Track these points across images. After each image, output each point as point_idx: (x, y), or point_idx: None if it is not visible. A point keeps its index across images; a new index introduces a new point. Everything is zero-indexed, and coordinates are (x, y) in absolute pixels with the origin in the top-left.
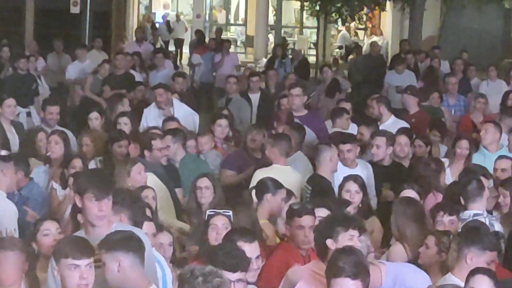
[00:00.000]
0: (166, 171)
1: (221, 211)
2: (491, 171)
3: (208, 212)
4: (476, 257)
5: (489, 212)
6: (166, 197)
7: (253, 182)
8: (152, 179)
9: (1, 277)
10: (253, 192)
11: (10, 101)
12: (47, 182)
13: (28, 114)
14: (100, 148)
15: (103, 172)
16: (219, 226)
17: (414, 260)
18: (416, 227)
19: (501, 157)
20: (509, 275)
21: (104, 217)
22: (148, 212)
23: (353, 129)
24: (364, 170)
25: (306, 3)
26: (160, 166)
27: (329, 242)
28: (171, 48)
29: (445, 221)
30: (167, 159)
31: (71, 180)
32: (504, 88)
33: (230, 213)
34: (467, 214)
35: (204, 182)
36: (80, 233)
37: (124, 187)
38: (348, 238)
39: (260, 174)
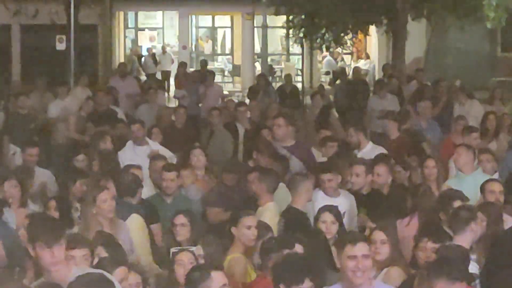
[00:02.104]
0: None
1: (186, 247)
2: (467, 192)
3: (172, 250)
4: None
5: None
6: (147, 238)
7: None
8: (137, 220)
9: None
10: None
11: None
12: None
13: (14, 154)
14: None
15: (53, 218)
16: (186, 262)
17: None
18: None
19: (491, 180)
20: None
21: (58, 263)
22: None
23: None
24: (347, 200)
25: (290, 31)
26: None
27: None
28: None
29: (428, 247)
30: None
31: None
32: (476, 108)
33: (194, 248)
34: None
35: (180, 220)
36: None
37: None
38: None
39: None
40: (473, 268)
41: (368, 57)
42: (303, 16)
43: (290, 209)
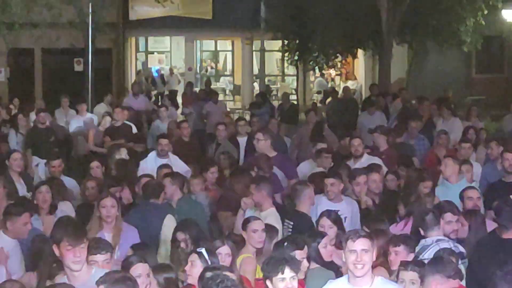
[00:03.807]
0: None
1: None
2: (453, 199)
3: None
4: (440, 284)
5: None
6: None
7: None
8: (172, 220)
9: None
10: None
11: (16, 155)
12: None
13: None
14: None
15: (76, 221)
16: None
17: None
18: None
19: (469, 187)
20: None
21: (79, 262)
22: None
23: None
24: (349, 206)
25: (286, 54)
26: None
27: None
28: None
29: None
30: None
31: None
32: (457, 124)
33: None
34: (430, 241)
35: (180, 236)
36: (63, 278)
37: None
38: (281, 280)
39: None
40: (461, 248)
41: (355, 78)
42: (297, 41)
43: (296, 212)
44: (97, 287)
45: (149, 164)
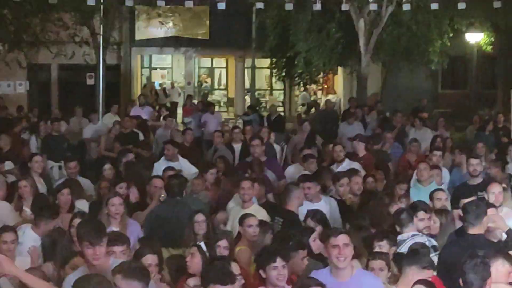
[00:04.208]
0: None
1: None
2: (425, 200)
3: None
4: (416, 274)
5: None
6: None
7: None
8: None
9: None
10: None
11: (37, 158)
12: None
13: (60, 168)
14: None
15: (98, 222)
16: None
17: None
18: None
19: (437, 190)
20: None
21: (99, 258)
22: None
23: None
24: (327, 205)
25: (274, 70)
26: None
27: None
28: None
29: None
30: None
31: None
32: (427, 134)
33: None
34: (406, 236)
35: (200, 217)
36: (83, 269)
37: None
38: (273, 269)
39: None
40: (434, 242)
41: (335, 92)
42: (284, 60)
43: (285, 210)
44: (114, 276)
45: (161, 167)
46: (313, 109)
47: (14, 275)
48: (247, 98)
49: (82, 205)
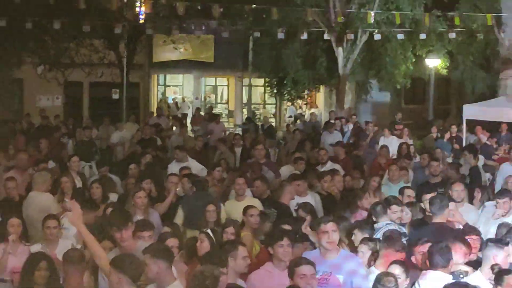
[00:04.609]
0: None
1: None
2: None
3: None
4: (391, 255)
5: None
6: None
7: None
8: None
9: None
10: None
11: (75, 158)
12: None
13: (90, 167)
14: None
15: (125, 210)
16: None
17: None
18: None
19: (406, 187)
20: (412, 264)
21: (125, 240)
22: None
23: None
24: (313, 199)
25: (267, 88)
26: None
27: (269, 249)
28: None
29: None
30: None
31: None
32: (394, 141)
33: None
34: (381, 224)
35: (211, 207)
36: (116, 250)
37: None
38: (280, 246)
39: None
40: (404, 230)
41: (317, 106)
42: (276, 79)
43: (279, 203)
44: (144, 255)
45: (173, 167)
46: (298, 121)
47: (78, 229)
48: (245, 111)
49: (113, 197)
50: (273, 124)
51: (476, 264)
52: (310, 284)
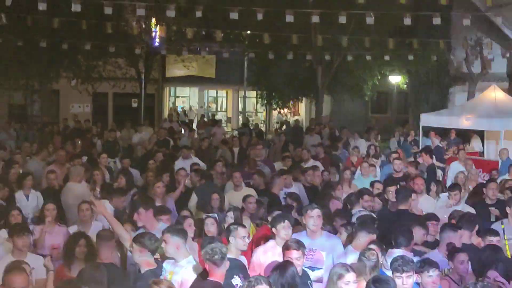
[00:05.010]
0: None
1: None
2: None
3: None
4: (365, 237)
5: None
6: None
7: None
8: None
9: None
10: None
11: (104, 155)
12: None
13: (114, 162)
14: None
15: (147, 195)
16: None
17: None
18: None
19: (375, 181)
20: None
21: (148, 221)
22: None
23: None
24: (297, 189)
25: (259, 99)
26: None
27: (273, 230)
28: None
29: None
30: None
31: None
32: (363, 143)
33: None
34: (355, 211)
35: (215, 196)
36: (141, 229)
37: None
38: (282, 227)
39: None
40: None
41: (299, 114)
42: (265, 92)
43: (270, 193)
44: (163, 235)
45: (180, 163)
46: (284, 126)
47: (104, 214)
48: (240, 117)
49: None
50: (263, 128)
51: (435, 245)
52: (300, 264)
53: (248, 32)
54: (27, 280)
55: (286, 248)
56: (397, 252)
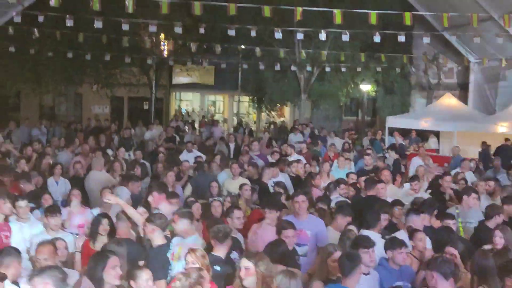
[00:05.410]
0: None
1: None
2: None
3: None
4: (342, 219)
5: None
6: None
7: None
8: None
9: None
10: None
11: (122, 149)
12: None
13: (129, 155)
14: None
15: (160, 183)
16: (215, 205)
17: None
18: None
19: (350, 173)
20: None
21: (161, 203)
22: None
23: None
24: (283, 178)
25: (251, 103)
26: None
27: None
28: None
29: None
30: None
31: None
32: (338, 141)
33: (221, 199)
34: (333, 197)
35: (214, 184)
36: (157, 210)
37: None
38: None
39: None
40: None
41: (285, 116)
42: (256, 97)
43: (261, 181)
44: (173, 216)
45: (184, 156)
46: (271, 126)
47: (118, 203)
48: (235, 118)
49: (147, 179)
50: (254, 128)
51: (395, 227)
52: (292, 241)
53: (243, 46)
54: (54, 251)
55: (282, 228)
56: (367, 232)
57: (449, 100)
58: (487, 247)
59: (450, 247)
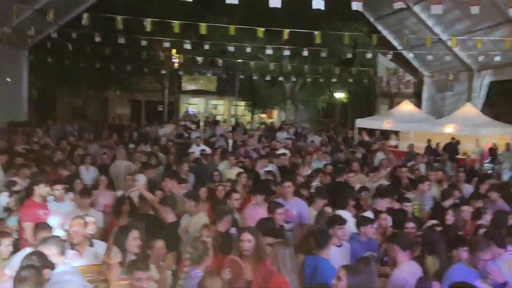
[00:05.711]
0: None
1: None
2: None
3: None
4: (320, 202)
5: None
6: None
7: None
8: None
9: None
10: None
11: (141, 146)
12: None
13: (146, 148)
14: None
15: (175, 170)
16: (220, 189)
17: None
18: None
19: (327, 164)
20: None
21: (172, 188)
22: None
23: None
24: (272, 168)
25: (246, 107)
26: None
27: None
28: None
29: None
30: None
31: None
32: (317, 138)
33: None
34: (314, 184)
35: (216, 173)
36: (171, 193)
37: None
38: (254, 203)
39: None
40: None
41: (273, 117)
42: (251, 102)
43: (254, 172)
44: (184, 197)
45: (192, 148)
46: (263, 125)
47: (138, 189)
48: (233, 119)
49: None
50: (248, 127)
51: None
52: (282, 218)
53: (239, 60)
54: (84, 225)
55: (274, 207)
56: (341, 212)
57: (407, 106)
58: (433, 222)
59: (410, 222)
